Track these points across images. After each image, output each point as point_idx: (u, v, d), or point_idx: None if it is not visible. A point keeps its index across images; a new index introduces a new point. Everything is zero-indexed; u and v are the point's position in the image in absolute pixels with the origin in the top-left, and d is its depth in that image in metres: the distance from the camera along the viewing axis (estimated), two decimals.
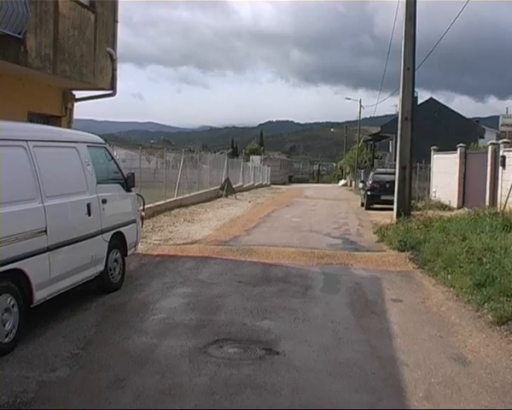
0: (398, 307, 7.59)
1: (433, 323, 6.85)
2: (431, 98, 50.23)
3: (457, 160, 22.91)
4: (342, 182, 70.26)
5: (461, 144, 23.18)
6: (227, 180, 30.71)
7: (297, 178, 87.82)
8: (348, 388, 4.87)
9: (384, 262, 11.04)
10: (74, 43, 10.69)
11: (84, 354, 5.55)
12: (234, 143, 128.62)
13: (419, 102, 44.55)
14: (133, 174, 9.14)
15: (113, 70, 12.34)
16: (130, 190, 9.06)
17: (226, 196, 29.42)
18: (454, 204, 22.33)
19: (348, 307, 7.59)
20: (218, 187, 30.02)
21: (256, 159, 63.60)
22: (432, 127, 42.05)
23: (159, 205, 19.31)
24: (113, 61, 12.29)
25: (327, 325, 6.67)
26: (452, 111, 49.35)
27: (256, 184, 47.13)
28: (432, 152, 27.92)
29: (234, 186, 32.24)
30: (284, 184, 66.55)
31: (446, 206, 22.59)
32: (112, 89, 12.46)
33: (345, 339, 6.14)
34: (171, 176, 22.79)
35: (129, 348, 5.75)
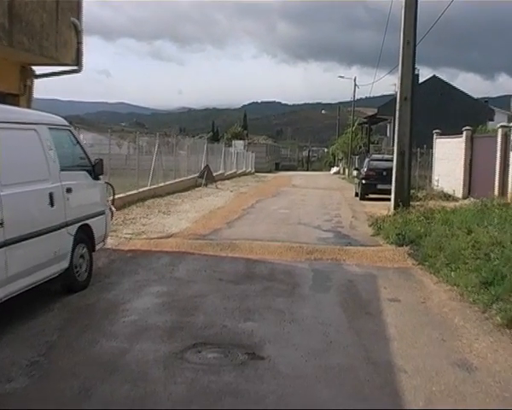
0: (395, 308, 7.64)
1: (435, 325, 6.90)
2: (434, 76, 50.44)
3: (463, 144, 23.05)
4: (334, 170, 70.50)
5: (467, 127, 23.32)
6: (207, 168, 30.74)
7: (284, 166, 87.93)
8: (340, 396, 4.89)
9: (380, 258, 11.12)
10: (33, 11, 10.54)
11: (46, 362, 5.52)
12: (214, 126, 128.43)
13: (420, 80, 44.82)
14: (101, 160, 9.09)
15: (78, 43, 12.21)
16: (98, 179, 9.01)
17: (206, 184, 29.43)
18: (459, 194, 22.51)
19: (340, 308, 7.63)
20: (197, 175, 30.06)
21: (239, 144, 63.49)
22: (434, 108, 42.31)
23: (131, 195, 19.26)
24: (77, 32, 12.16)
25: (316, 327, 6.70)
26: (458, 90, 49.61)
27: (239, 172, 47.16)
28: (434, 136, 28.11)
29: (214, 174, 32.25)
30: (270, 171, 66.62)
31: (450, 196, 22.80)
32: (77, 64, 12.34)
33: (336, 343, 6.17)
34: (145, 163, 22.73)
35: (96, 353, 5.73)
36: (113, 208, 10.62)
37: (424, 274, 9.76)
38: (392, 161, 17.84)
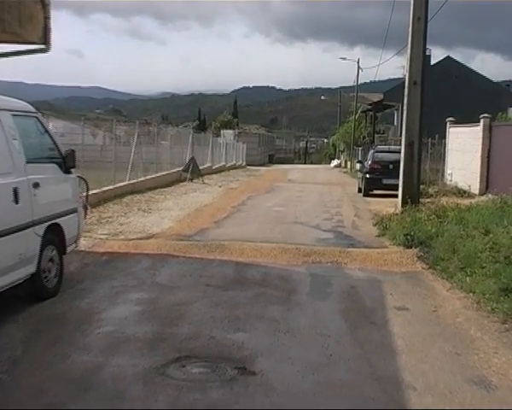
0: (403, 317, 7.67)
1: (448, 337, 6.93)
2: (447, 57, 50.55)
3: (480, 134, 23.05)
4: (335, 162, 70.63)
5: (485, 115, 23.26)
6: (192, 160, 30.74)
7: (279, 158, 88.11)
8: None
9: (386, 261, 11.16)
10: None
11: (9, 379, 5.50)
12: (201, 114, 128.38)
13: (432, 62, 44.93)
14: (73, 152, 9.08)
15: (46, 18, 12.11)
16: (69, 172, 9.00)
17: (191, 179, 29.45)
18: (475, 189, 22.57)
19: (341, 317, 7.66)
20: (182, 169, 30.06)
21: (228, 134, 63.56)
22: (448, 94, 42.40)
23: (107, 191, 19.24)
24: (44, 6, 12.05)
25: (315, 339, 6.72)
26: (475, 73, 49.66)
27: (228, 165, 47.16)
28: (447, 125, 28.16)
29: (201, 168, 32.26)
30: (263, 164, 66.67)
31: (465, 192, 22.86)
32: (44, 43, 12.24)
33: (337, 356, 6.19)
34: (123, 155, 22.74)
35: (67, 369, 5.73)
36: (88, 206, 10.60)
37: (436, 279, 9.79)
38: (399, 152, 17.86)
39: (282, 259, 11.11)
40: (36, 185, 7.73)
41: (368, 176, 25.66)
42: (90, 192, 12.39)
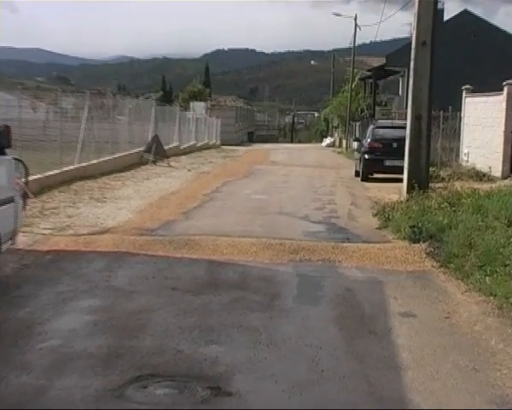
0: (409, 325, 7.73)
1: (463, 349, 6.97)
2: (464, 11, 50.39)
3: (504, 104, 23.11)
4: (328, 141, 70.90)
5: (510, 81, 23.30)
6: (155, 139, 30.79)
7: (261, 136, 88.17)
8: None
9: (388, 258, 11.21)
10: None
11: None
12: (166, 82, 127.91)
13: (445, 17, 45.06)
14: (8, 128, 9.00)
15: None
16: (3, 153, 8.92)
17: (154, 161, 29.53)
18: (497, 172, 22.71)
19: (335, 325, 7.69)
20: (143, 149, 30.08)
21: (199, 107, 63.47)
22: (464, 56, 42.43)
23: (51, 176, 19.16)
24: None
25: (303, 352, 6.74)
26: (498, 30, 49.50)
27: (199, 145, 47.19)
28: (463, 94, 28.28)
29: (166, 148, 32.28)
30: (242, 144, 66.71)
31: (485, 174, 23.00)
32: None
33: (330, 372, 6.22)
34: (71, 132, 22.66)
35: (1, 394, 5.69)
36: (29, 194, 10.53)
37: (448, 280, 9.85)
38: (404, 128, 17.96)
39: (264, 256, 11.13)
40: None
41: (367, 157, 25.79)
42: (31, 178, 12.32)
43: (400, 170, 17.89)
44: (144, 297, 8.58)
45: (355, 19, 61.78)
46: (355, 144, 30.47)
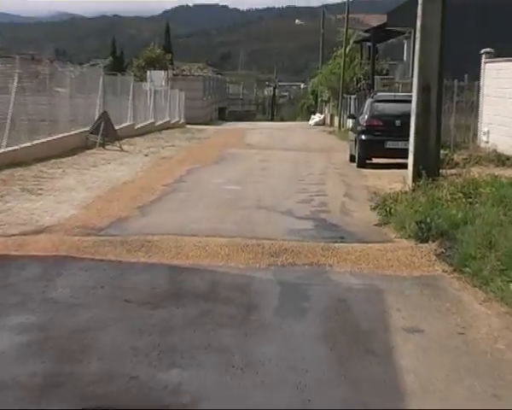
0: (415, 343, 7.68)
1: (482, 371, 6.94)
2: None
3: None
4: (317, 118, 71.01)
5: None
6: (104, 117, 30.57)
7: (235, 113, 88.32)
8: None
9: (390, 261, 11.15)
10: None
11: None
12: (116, 46, 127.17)
13: None
14: None
15: None
16: None
17: (103, 144, 29.48)
18: None
19: (324, 344, 7.63)
20: (88, 129, 29.95)
21: (158, 77, 63.40)
22: (484, 11, 42.26)
23: None
24: None
25: (286, 377, 6.69)
26: None
27: (159, 124, 47.19)
28: (483, 59, 28.13)
29: (118, 128, 32.17)
30: (211, 122, 66.70)
31: (508, 158, 22.96)
32: None
33: (318, 401, 6.19)
34: None
35: None
36: None
37: (463, 287, 9.81)
38: (410, 101, 17.85)
39: (238, 260, 11.05)
40: None
41: (364, 137, 25.67)
42: None
43: (404, 153, 17.89)
44: (90, 312, 8.47)
45: None
46: (350, 122, 30.53)
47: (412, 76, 17.85)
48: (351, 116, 32.75)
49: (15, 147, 22.35)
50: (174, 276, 10.18)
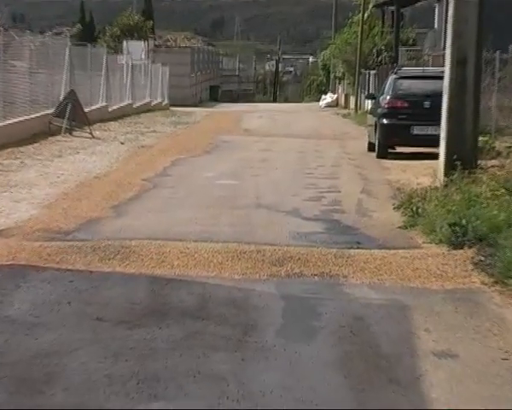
0: (448, 370, 7.60)
1: None
2: None
3: None
4: (328, 99, 71.34)
5: None
6: (71, 97, 30.73)
7: (230, 93, 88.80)
8: None
9: (417, 271, 11.11)
10: None
11: None
12: (86, 11, 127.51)
13: None
14: None
15: None
16: None
17: (70, 130, 29.65)
18: None
19: (338, 371, 7.58)
20: (53, 112, 30.06)
21: (137, 49, 63.54)
22: None
23: None
24: None
25: None
26: None
27: (138, 106, 47.47)
28: None
29: (88, 110, 32.37)
30: (200, 104, 67.02)
31: None
32: None
33: None
34: None
35: None
36: None
37: (507, 303, 9.76)
38: (441, 78, 17.83)
39: (234, 270, 11.02)
40: None
41: (385, 122, 25.73)
42: None
43: (435, 141, 17.96)
44: (54, 333, 8.38)
45: None
46: (368, 104, 30.52)
47: (444, 47, 17.75)
48: (370, 96, 32.69)
49: None
50: (156, 289, 10.09)
